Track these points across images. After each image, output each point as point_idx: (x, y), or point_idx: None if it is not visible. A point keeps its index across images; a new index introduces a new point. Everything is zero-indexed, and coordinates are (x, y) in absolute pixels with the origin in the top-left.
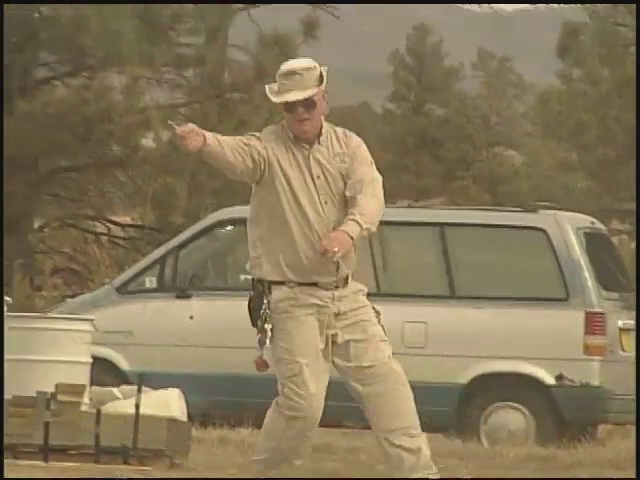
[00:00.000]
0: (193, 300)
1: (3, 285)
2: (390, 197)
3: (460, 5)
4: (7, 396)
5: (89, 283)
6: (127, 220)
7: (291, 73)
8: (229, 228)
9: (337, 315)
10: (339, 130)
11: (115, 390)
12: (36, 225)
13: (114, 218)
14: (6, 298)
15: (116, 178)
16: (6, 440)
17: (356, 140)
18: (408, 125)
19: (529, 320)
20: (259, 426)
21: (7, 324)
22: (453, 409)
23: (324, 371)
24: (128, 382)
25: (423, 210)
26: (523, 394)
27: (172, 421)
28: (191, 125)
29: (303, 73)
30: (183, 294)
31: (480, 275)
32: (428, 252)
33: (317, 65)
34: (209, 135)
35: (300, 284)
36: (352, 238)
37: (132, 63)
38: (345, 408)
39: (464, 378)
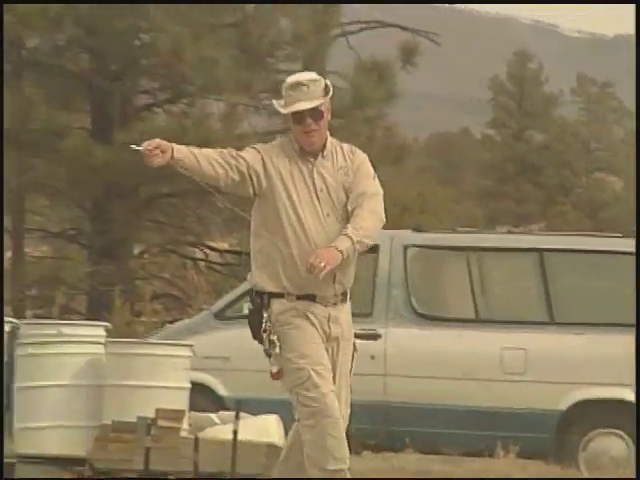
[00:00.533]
0: None
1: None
2: (489, 223)
3: (560, 30)
4: (107, 421)
5: (188, 309)
6: (225, 246)
7: (298, 85)
8: None
9: (328, 337)
10: (345, 145)
11: (213, 416)
12: (136, 251)
13: (212, 244)
14: (106, 324)
15: (214, 204)
16: (107, 465)
17: (361, 155)
18: (508, 151)
19: (629, 346)
20: (358, 452)
21: (107, 350)
22: (552, 435)
23: (331, 375)
24: (225, 407)
25: (522, 236)
26: (623, 420)
27: (270, 447)
28: (157, 141)
29: (309, 84)
30: None
31: (580, 301)
32: (527, 278)
33: (322, 78)
34: (180, 149)
35: (298, 297)
36: (341, 252)
37: (230, 90)
38: (443, 435)
39: (564, 404)
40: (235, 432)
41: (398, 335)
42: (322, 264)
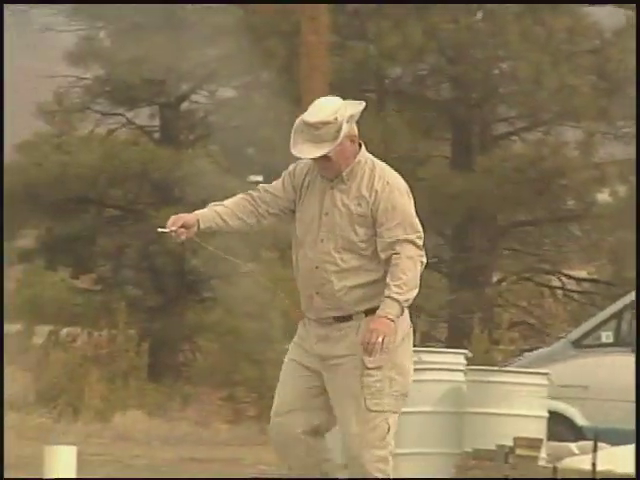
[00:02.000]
0: None
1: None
2: None
3: None
4: (468, 449)
5: (545, 337)
6: (582, 274)
7: (308, 125)
8: None
9: (318, 356)
10: (379, 172)
11: (572, 445)
12: (495, 278)
13: (569, 272)
14: (465, 351)
15: (571, 232)
16: None
17: (390, 190)
18: None
19: None
20: None
21: (467, 377)
22: None
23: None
24: (584, 437)
25: None
26: None
27: (630, 478)
28: (181, 218)
29: (320, 127)
30: None
31: None
32: None
33: (338, 116)
34: (205, 217)
35: (309, 319)
36: (393, 320)
37: (588, 117)
38: None
39: None
40: (594, 464)
41: None
42: (380, 339)
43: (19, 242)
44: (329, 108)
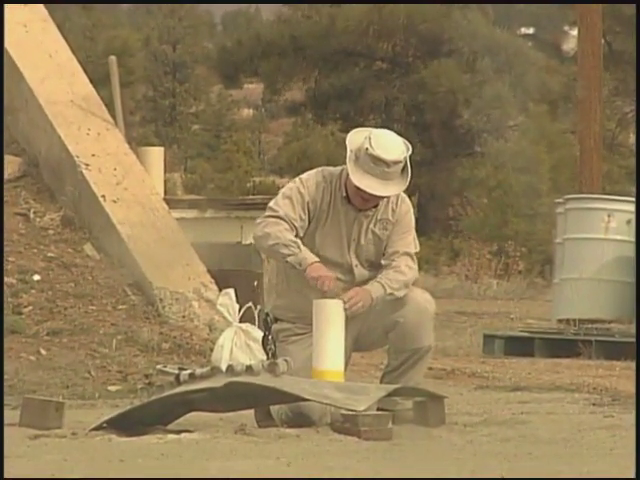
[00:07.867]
0: None
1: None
2: None
3: None
4: None
5: None
6: None
7: (380, 161)
8: None
9: None
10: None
11: None
12: None
13: None
14: None
15: None
16: None
17: (406, 206)
18: None
19: None
20: None
21: None
22: None
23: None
24: None
25: None
26: None
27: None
28: (328, 277)
29: (392, 165)
30: None
31: None
32: None
33: (406, 156)
34: (329, 272)
35: None
36: (372, 300)
37: None
38: None
39: None
40: None
41: None
42: (360, 305)
43: (287, 95)
44: (401, 147)
